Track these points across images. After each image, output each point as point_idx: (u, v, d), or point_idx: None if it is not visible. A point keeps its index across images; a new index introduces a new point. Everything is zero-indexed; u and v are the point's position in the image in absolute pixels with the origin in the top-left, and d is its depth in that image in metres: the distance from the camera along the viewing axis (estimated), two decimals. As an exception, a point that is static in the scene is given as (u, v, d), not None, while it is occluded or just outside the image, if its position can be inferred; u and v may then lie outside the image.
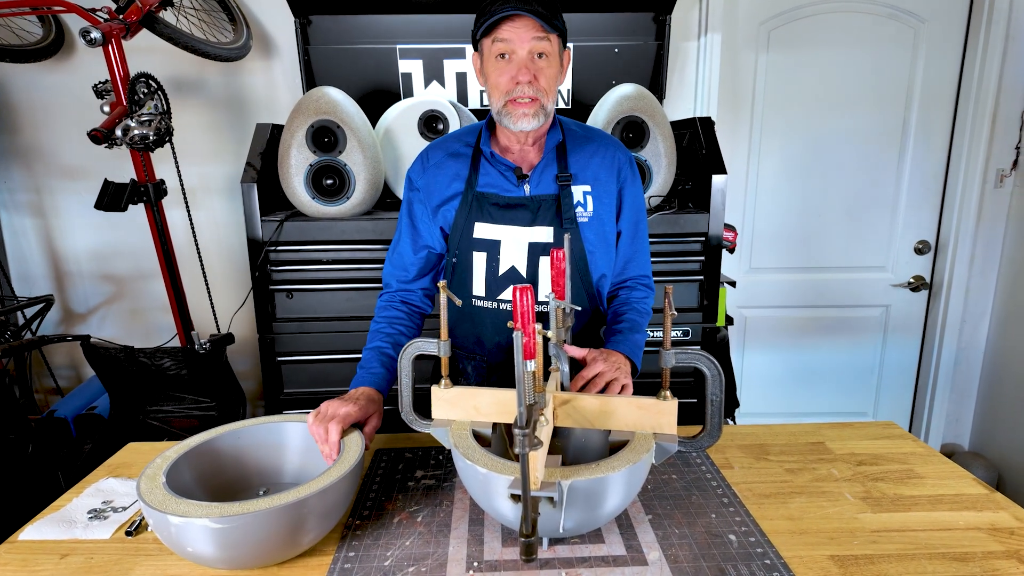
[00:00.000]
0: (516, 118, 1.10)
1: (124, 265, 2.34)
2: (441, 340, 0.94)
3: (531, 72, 1.07)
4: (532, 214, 1.17)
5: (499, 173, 1.18)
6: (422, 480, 1.08)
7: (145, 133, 1.50)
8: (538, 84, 1.08)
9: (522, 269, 1.18)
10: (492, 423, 0.94)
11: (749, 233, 2.42)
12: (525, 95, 1.08)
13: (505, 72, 1.07)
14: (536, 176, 1.17)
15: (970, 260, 2.35)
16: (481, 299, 1.20)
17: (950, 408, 2.50)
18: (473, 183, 1.19)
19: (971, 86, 2.24)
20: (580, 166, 1.19)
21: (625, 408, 0.90)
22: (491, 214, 1.17)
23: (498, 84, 1.09)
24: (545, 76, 1.08)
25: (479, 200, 1.18)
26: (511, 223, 1.17)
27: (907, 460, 1.13)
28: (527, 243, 1.17)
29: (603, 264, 1.23)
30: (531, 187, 1.17)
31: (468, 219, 1.18)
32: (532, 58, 1.07)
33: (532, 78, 1.07)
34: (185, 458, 0.93)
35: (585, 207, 1.19)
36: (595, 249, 1.20)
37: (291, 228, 1.73)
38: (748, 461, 1.14)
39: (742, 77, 2.29)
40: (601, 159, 1.20)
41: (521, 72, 1.06)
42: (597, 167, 1.20)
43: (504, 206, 1.17)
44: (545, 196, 1.17)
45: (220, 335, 1.72)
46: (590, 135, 1.23)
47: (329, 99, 1.72)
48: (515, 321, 0.74)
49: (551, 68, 1.09)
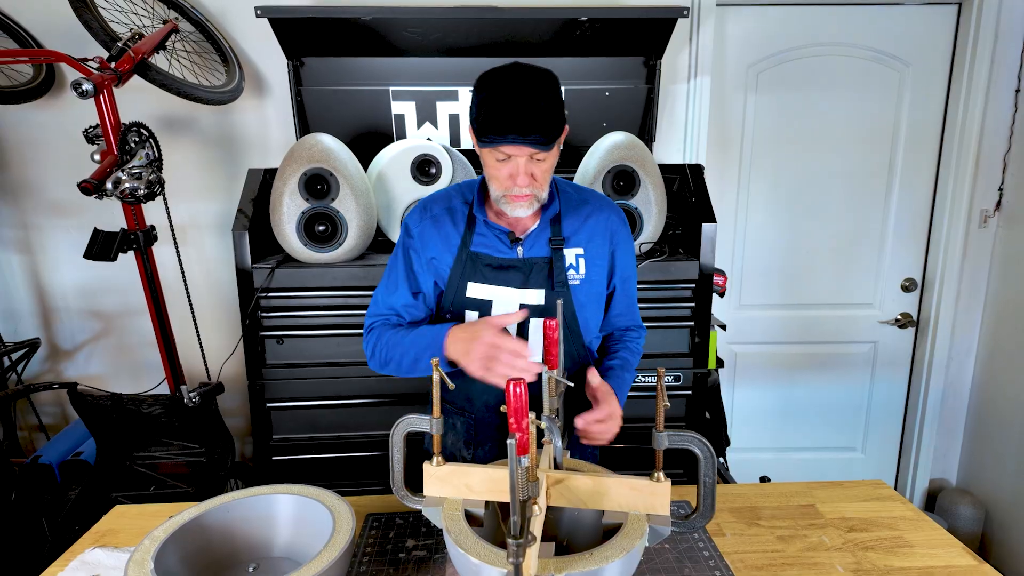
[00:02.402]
0: (513, 208, 1.12)
1: (112, 302, 2.32)
2: (433, 417, 0.93)
3: (528, 175, 1.08)
4: (524, 276, 1.17)
5: (492, 233, 1.19)
6: (413, 552, 1.07)
7: (135, 186, 1.49)
8: (535, 182, 1.09)
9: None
10: (485, 502, 0.94)
11: (739, 270, 2.44)
12: (522, 194, 1.09)
13: (503, 170, 1.08)
14: (530, 239, 1.19)
15: (956, 298, 2.38)
16: None
17: (938, 444, 2.52)
18: (468, 242, 1.19)
19: (955, 128, 2.28)
20: (573, 228, 1.21)
21: (618, 489, 0.90)
22: (484, 274, 1.18)
23: (496, 177, 1.11)
24: (542, 171, 1.09)
25: (473, 260, 1.19)
26: (504, 284, 1.18)
27: (897, 525, 1.14)
28: (518, 304, 1.18)
29: (594, 325, 1.25)
30: (524, 250, 1.18)
31: (462, 277, 1.19)
32: (531, 160, 1.07)
33: (530, 179, 1.08)
34: (173, 538, 0.92)
35: (577, 269, 1.20)
36: (586, 310, 1.21)
37: (282, 274, 1.72)
38: (739, 527, 1.15)
39: (731, 119, 2.32)
40: (595, 222, 1.22)
41: (519, 177, 1.07)
42: (591, 230, 1.21)
43: (497, 267, 1.18)
44: (538, 259, 1.18)
45: (210, 385, 1.70)
46: (584, 197, 1.24)
47: (322, 147, 1.72)
48: (508, 416, 0.74)
49: (548, 162, 1.10)
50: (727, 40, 2.25)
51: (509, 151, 1.05)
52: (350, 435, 1.83)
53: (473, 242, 1.19)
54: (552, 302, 1.17)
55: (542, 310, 1.18)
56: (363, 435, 1.84)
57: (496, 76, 1.05)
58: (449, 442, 1.30)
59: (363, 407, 1.82)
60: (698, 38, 2.18)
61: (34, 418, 2.30)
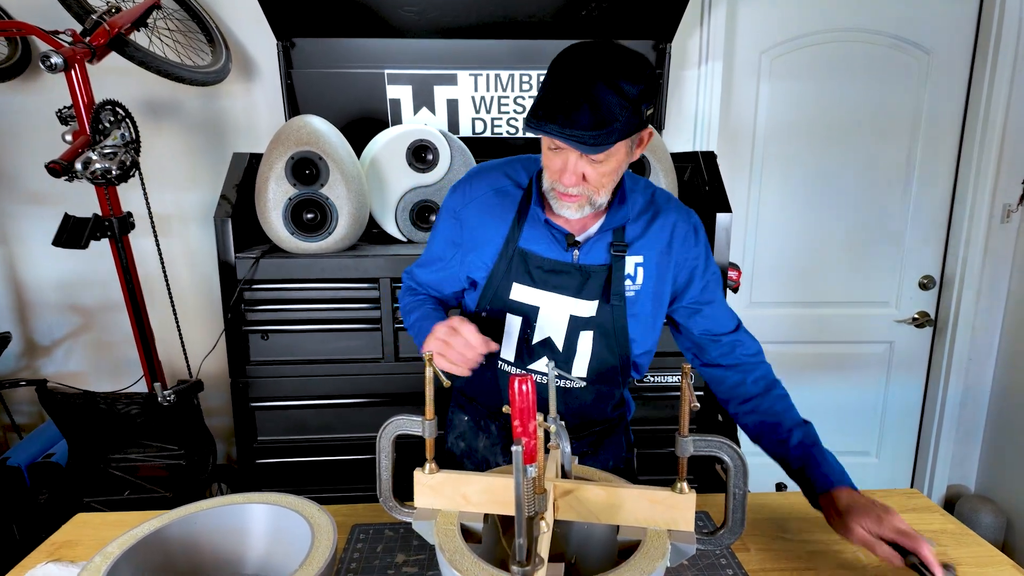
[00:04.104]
0: (560, 206, 0.97)
1: (91, 295, 2.20)
2: (426, 419, 0.82)
3: (578, 175, 0.92)
4: (579, 283, 1.03)
5: (547, 232, 1.03)
6: (403, 567, 0.96)
7: (107, 167, 1.38)
8: (587, 185, 0.93)
9: (559, 341, 1.06)
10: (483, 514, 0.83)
11: (750, 267, 2.34)
12: (570, 193, 0.94)
13: (555, 160, 0.93)
14: (589, 243, 1.03)
15: (976, 296, 2.28)
16: (510, 364, 1.09)
17: (956, 449, 2.42)
18: (516, 236, 1.03)
19: (977, 119, 2.18)
20: (635, 233, 1.05)
21: (635, 501, 0.79)
22: (533, 277, 1.03)
23: (548, 167, 0.96)
24: (598, 174, 0.92)
25: (522, 258, 1.03)
26: (555, 290, 1.03)
27: (938, 540, 1.03)
28: (568, 315, 1.04)
29: (645, 341, 1.10)
30: (581, 255, 1.03)
31: (506, 277, 1.04)
32: (584, 159, 0.91)
33: (580, 180, 0.93)
34: (129, 555, 0.81)
35: (634, 279, 1.05)
36: (638, 324, 1.07)
37: (268, 265, 1.61)
38: (764, 540, 1.04)
39: (742, 108, 2.22)
40: (659, 227, 1.05)
41: (566, 176, 0.92)
42: (654, 236, 1.05)
43: (549, 270, 1.03)
44: (595, 266, 1.03)
45: (188, 383, 1.59)
46: (655, 200, 1.08)
47: (311, 129, 1.61)
48: (512, 419, 0.63)
49: (607, 166, 0.92)
50: (739, 24, 2.14)
51: (555, 142, 0.90)
52: (340, 437, 1.72)
53: (523, 237, 1.03)
54: (605, 316, 1.03)
55: (595, 323, 1.04)
56: (354, 437, 1.72)
57: (571, 52, 0.88)
58: (481, 446, 1.19)
59: (355, 407, 1.71)
60: (709, 21, 2.07)
61: (7, 417, 2.18)
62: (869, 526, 0.87)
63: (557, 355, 1.06)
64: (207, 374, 2.08)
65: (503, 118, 2.01)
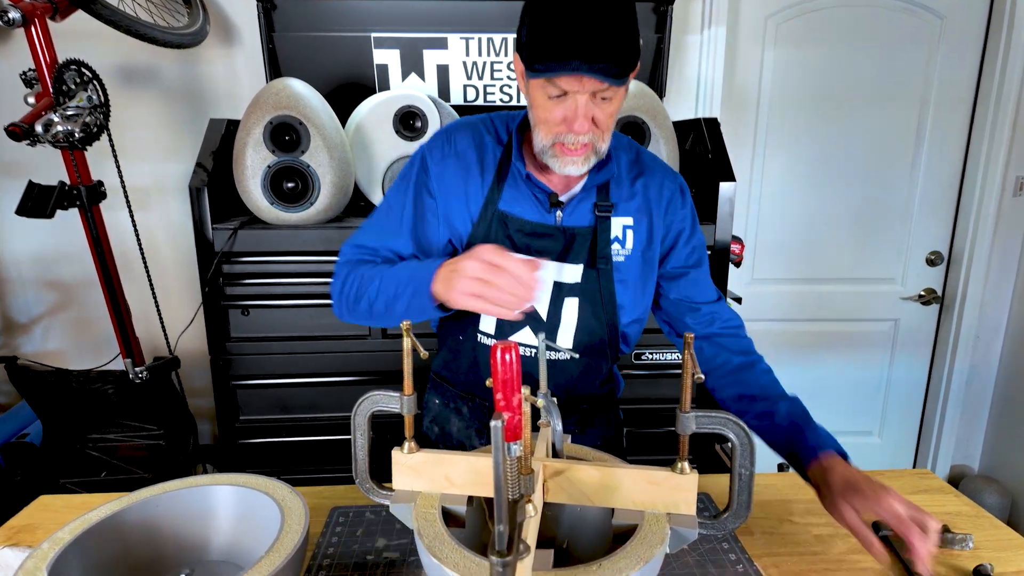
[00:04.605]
0: (563, 163, 0.88)
1: (70, 271, 2.12)
2: (405, 394, 0.76)
3: (589, 119, 0.83)
4: (564, 248, 0.96)
5: (529, 192, 0.96)
6: (384, 553, 0.90)
7: (70, 129, 1.29)
8: (596, 129, 0.85)
9: (543, 310, 0.98)
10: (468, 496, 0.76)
11: (752, 242, 2.26)
12: (578, 144, 0.85)
13: (556, 111, 0.84)
14: (572, 204, 0.96)
15: (985, 272, 2.21)
16: (489, 337, 1.01)
17: (960, 428, 2.37)
18: (495, 197, 0.96)
19: (991, 88, 2.09)
20: (622, 194, 0.98)
21: (632, 482, 0.72)
22: (515, 241, 0.96)
23: (546, 120, 0.86)
24: (606, 115, 0.84)
25: (502, 221, 0.96)
26: (537, 255, 0.95)
27: (954, 523, 0.97)
28: (552, 281, 0.96)
29: (635, 309, 1.02)
30: (564, 216, 0.96)
31: (485, 240, 0.95)
32: (594, 100, 0.83)
33: (591, 124, 0.84)
34: (81, 541, 0.74)
35: (623, 243, 0.98)
36: (628, 291, 1.00)
37: (247, 237, 1.53)
38: (770, 524, 0.97)
39: (746, 75, 2.12)
40: (650, 188, 0.99)
41: (578, 122, 0.82)
42: (644, 197, 0.99)
43: (531, 233, 0.96)
44: (579, 228, 0.96)
45: (163, 360, 1.52)
46: (640, 158, 1.02)
47: (290, 92, 1.52)
48: (495, 391, 0.56)
49: (614, 105, 0.84)
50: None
51: (567, 85, 0.80)
52: (325, 416, 1.65)
53: (503, 198, 0.96)
54: (591, 281, 0.96)
55: (580, 290, 0.97)
56: (340, 416, 1.66)
57: None
58: (455, 430, 1.12)
59: (340, 386, 1.64)
60: (713, -18, 1.97)
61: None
62: (860, 505, 0.77)
63: (541, 325, 0.99)
64: (189, 352, 2.01)
65: (496, 85, 1.92)
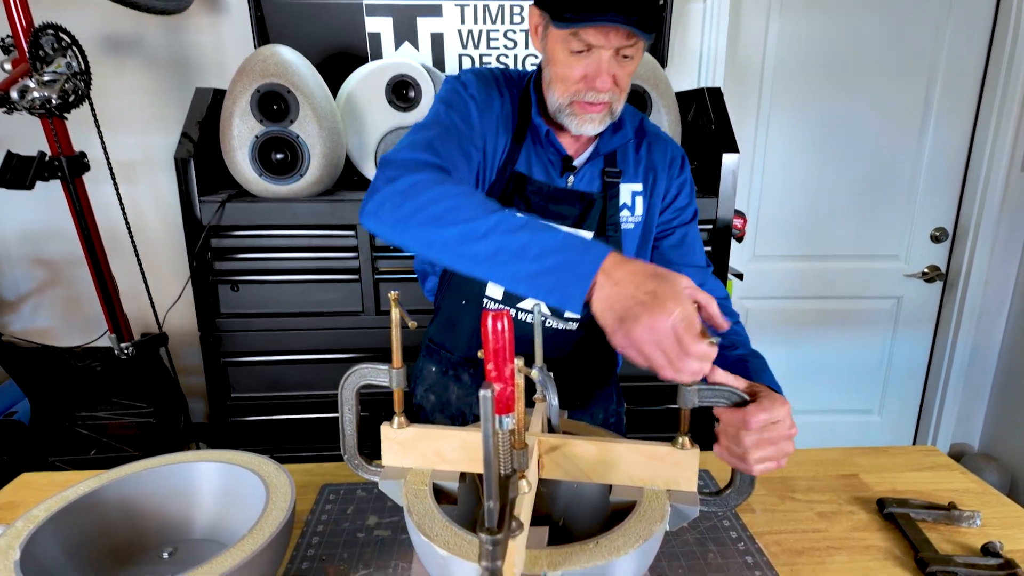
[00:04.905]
0: (581, 121, 0.86)
1: (59, 248, 2.07)
2: (393, 367, 0.72)
3: (612, 76, 0.82)
4: (579, 213, 0.93)
5: (543, 154, 0.93)
6: (375, 531, 0.87)
7: (47, 96, 1.24)
8: (616, 88, 0.84)
9: None
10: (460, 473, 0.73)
11: (754, 218, 2.21)
12: (598, 101, 0.84)
13: (578, 68, 0.82)
14: (583, 170, 0.94)
15: (991, 248, 2.17)
16: (495, 302, 0.98)
17: (961, 406, 2.35)
18: (513, 156, 0.92)
19: (1001, 59, 2.03)
20: (629, 160, 0.96)
21: (631, 457, 0.69)
22: (530, 203, 0.92)
23: (566, 77, 0.84)
24: (626, 74, 0.84)
25: (518, 182, 0.92)
26: (552, 220, 0.90)
27: (960, 501, 0.94)
28: None
29: None
30: (575, 180, 0.94)
31: (501, 201, 0.92)
32: (616, 58, 0.81)
33: (612, 82, 0.83)
34: (57, 519, 0.71)
35: (632, 209, 0.95)
36: None
37: (235, 210, 1.49)
38: (771, 501, 0.95)
39: (750, 44, 2.06)
40: (656, 153, 0.97)
41: (601, 79, 0.81)
42: (651, 163, 0.97)
43: (549, 197, 0.92)
44: (589, 193, 0.93)
45: (150, 336, 1.48)
46: (643, 126, 1.00)
47: (279, 59, 1.47)
48: (486, 362, 0.52)
49: (633, 65, 0.84)
50: (749, -49, 1.97)
51: (594, 38, 0.78)
52: (318, 394, 1.63)
53: (519, 157, 0.92)
54: None
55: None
56: (333, 394, 1.62)
57: None
58: (455, 397, 1.09)
59: (333, 363, 1.61)
60: (717, -53, 1.90)
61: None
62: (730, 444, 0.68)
63: None
64: (180, 329, 1.98)
65: (492, 54, 1.86)
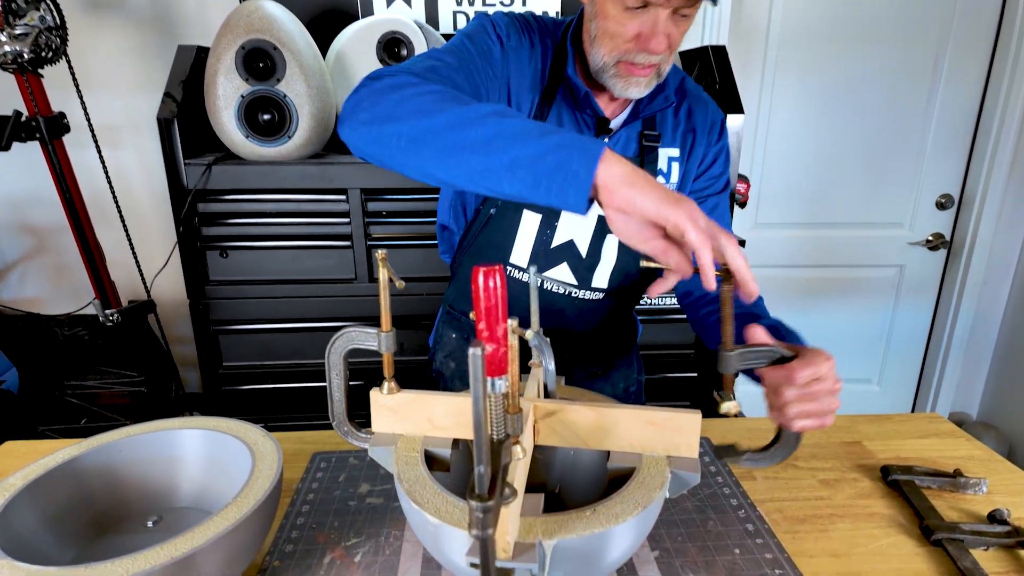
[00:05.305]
0: (626, 84, 0.81)
1: (46, 215, 2.03)
2: (382, 331, 0.69)
3: (667, 37, 0.76)
4: None
5: (577, 114, 0.87)
6: (367, 499, 0.85)
7: (18, 50, 1.18)
8: (668, 51, 0.78)
9: (583, 246, 0.91)
10: (453, 439, 0.71)
11: (757, 184, 2.17)
12: (649, 63, 0.78)
13: (632, 25, 0.76)
14: (620, 133, 0.88)
15: (997, 215, 2.13)
16: (521, 270, 0.94)
17: (961, 375, 2.34)
18: (542, 115, 0.86)
19: (1015, 17, 1.96)
20: (668, 123, 0.91)
21: (630, 423, 0.67)
22: None
23: (616, 34, 0.77)
24: (679, 35, 0.78)
25: None
26: None
27: (966, 468, 0.93)
28: (597, 214, 0.89)
29: None
30: (610, 144, 0.87)
31: None
32: (674, 17, 0.75)
33: (667, 44, 0.76)
34: (35, 487, 0.69)
35: (668, 177, 0.91)
36: None
37: (222, 173, 1.44)
38: (773, 469, 0.93)
39: (755, 3, 1.98)
40: (696, 116, 0.92)
41: (656, 39, 0.75)
42: (690, 127, 0.91)
43: None
44: (629, 158, 0.88)
45: (136, 303, 1.45)
46: (683, 85, 0.93)
47: (264, 14, 1.40)
48: (476, 321, 0.49)
49: (687, 25, 0.78)
50: (757, -98, 1.89)
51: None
52: (311, 363, 1.60)
53: (549, 117, 0.86)
54: None
55: None
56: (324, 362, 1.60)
57: None
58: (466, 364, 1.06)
59: (325, 331, 1.57)
60: None
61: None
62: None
63: (579, 261, 0.93)
64: (171, 298, 1.94)
65: (489, 11, 1.78)
